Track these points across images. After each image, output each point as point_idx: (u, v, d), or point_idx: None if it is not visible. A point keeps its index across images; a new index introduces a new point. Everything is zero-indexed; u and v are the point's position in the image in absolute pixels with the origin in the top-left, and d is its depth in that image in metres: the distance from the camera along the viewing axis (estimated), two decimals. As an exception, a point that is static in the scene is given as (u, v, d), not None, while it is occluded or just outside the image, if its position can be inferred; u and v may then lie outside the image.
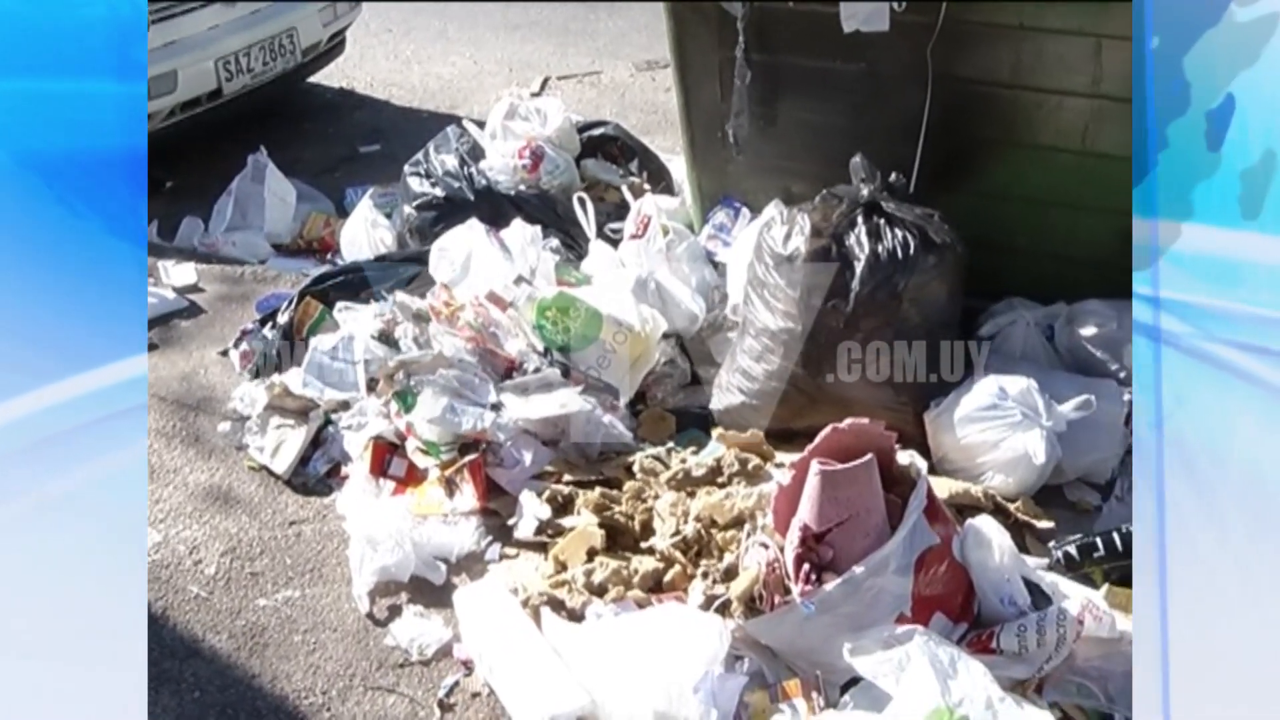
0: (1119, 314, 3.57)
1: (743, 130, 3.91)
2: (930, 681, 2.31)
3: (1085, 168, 3.63)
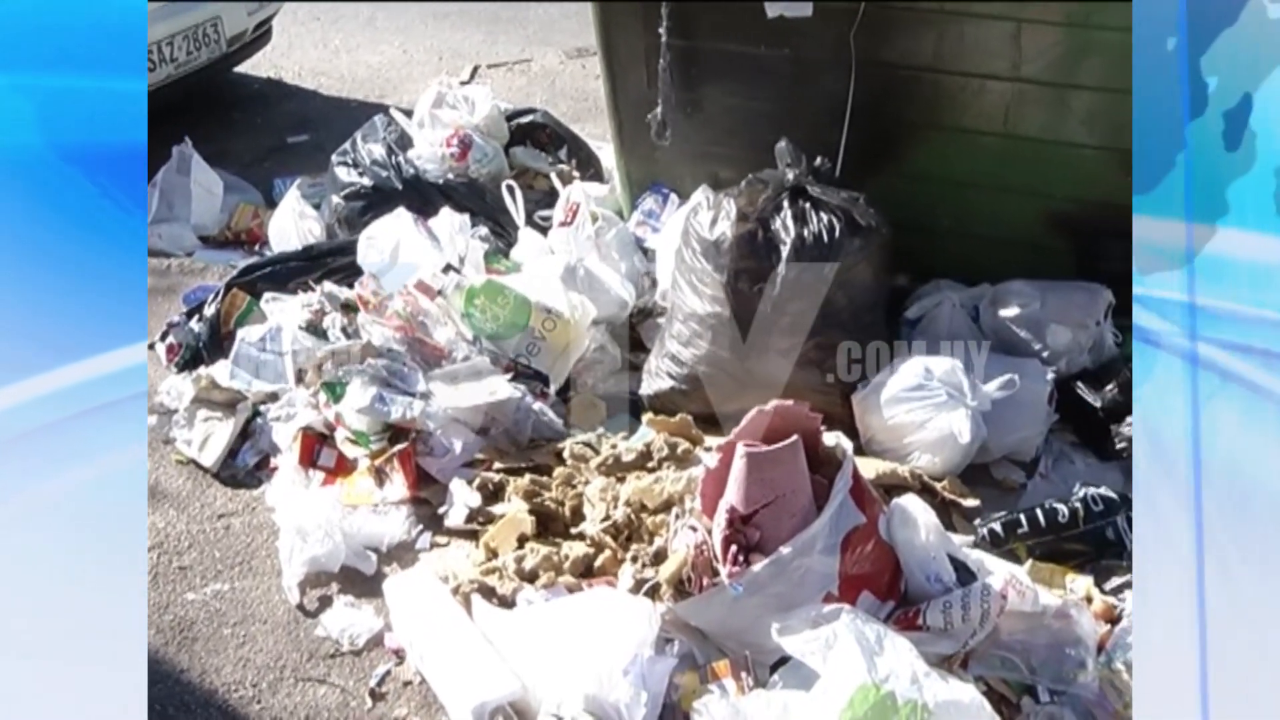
0: (1042, 294, 3.63)
1: (671, 117, 3.91)
2: (857, 659, 2.33)
3: (1007, 150, 3.68)
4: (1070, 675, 2.62)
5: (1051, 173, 3.69)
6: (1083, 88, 3.52)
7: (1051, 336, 3.56)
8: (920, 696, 2.29)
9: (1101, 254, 3.74)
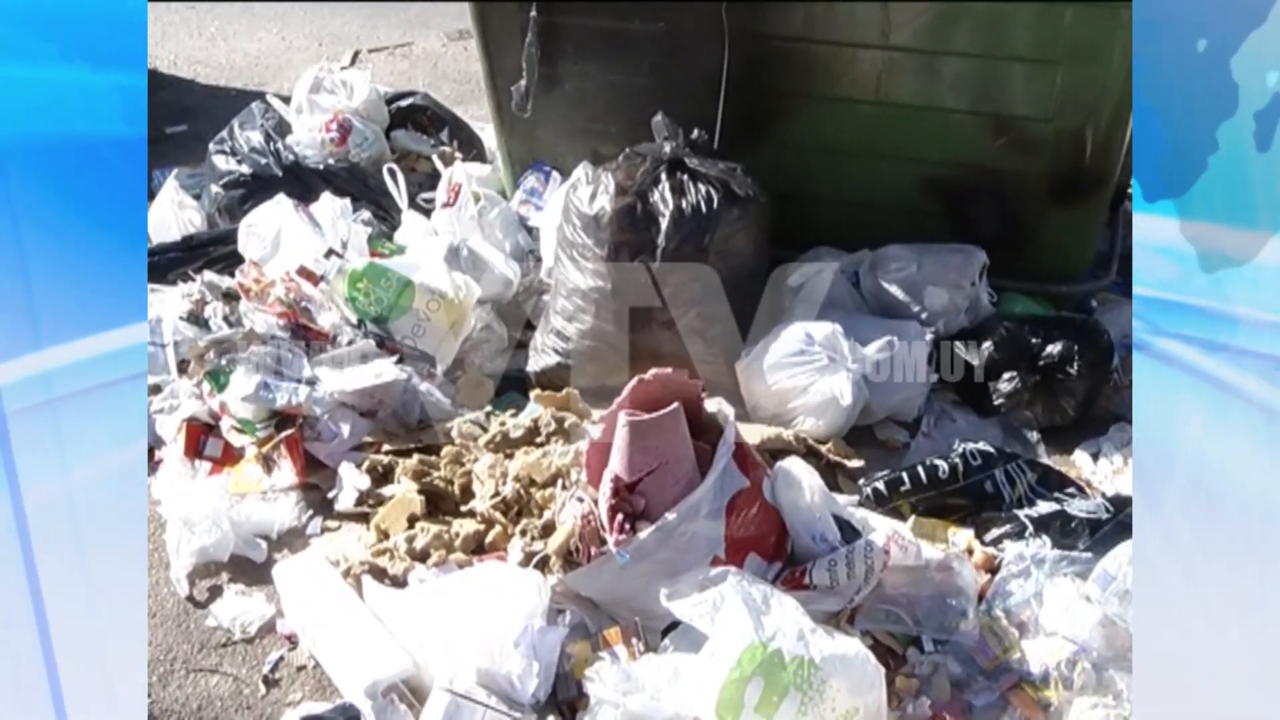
0: (919, 257, 3.70)
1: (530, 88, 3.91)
2: (744, 619, 2.37)
3: (881, 117, 3.74)
4: (952, 624, 2.69)
5: (924, 138, 3.75)
6: (951, 54, 3.58)
7: (929, 298, 3.64)
8: (807, 652, 2.33)
9: (975, 216, 3.84)
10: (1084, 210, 3.82)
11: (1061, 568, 2.82)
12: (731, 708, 2.29)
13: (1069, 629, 2.67)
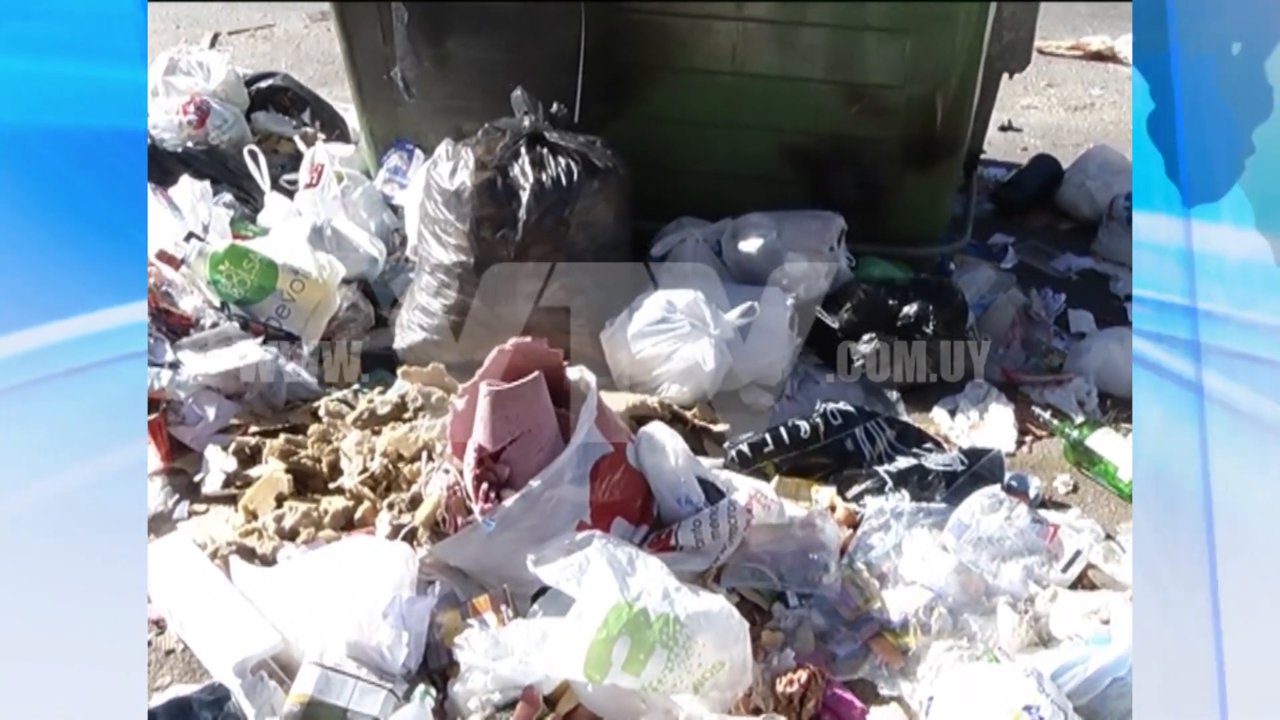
0: (779, 224, 3.77)
1: (409, 72, 3.92)
2: (610, 581, 2.40)
3: (738, 87, 3.80)
4: (816, 579, 2.76)
5: (782, 108, 3.82)
6: (804, 24, 3.65)
7: (789, 264, 3.70)
8: (672, 610, 2.37)
9: (833, 183, 3.92)
10: (938, 175, 3.93)
11: (919, 519, 2.91)
12: (599, 667, 2.32)
13: (926, 577, 2.76)
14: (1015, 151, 5.68)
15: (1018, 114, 6.18)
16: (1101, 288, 4.57)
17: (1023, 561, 2.82)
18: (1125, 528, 3.07)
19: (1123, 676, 2.47)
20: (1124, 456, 3.22)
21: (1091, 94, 6.55)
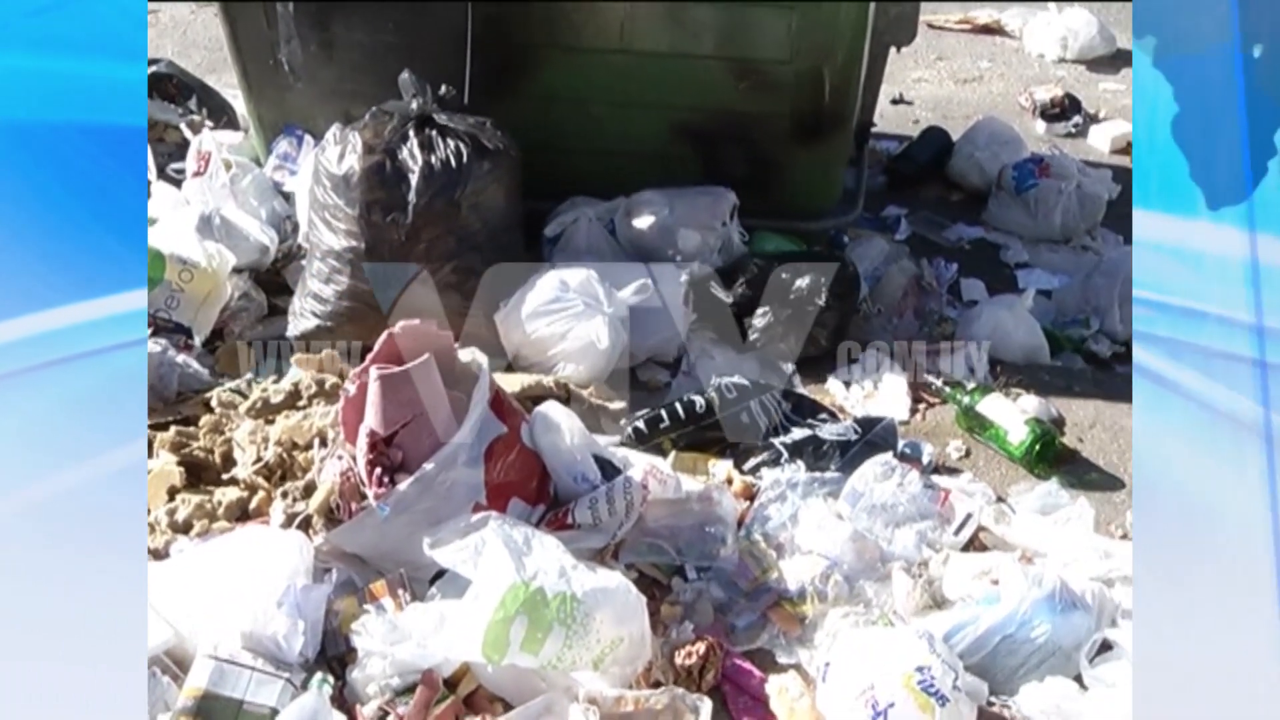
0: (671, 201, 3.80)
1: (296, 57, 3.88)
2: (506, 561, 2.40)
3: (627, 66, 3.80)
4: (713, 552, 2.78)
5: (671, 85, 3.83)
6: (691, 0, 3.66)
7: (682, 240, 3.73)
8: (569, 588, 2.38)
9: (724, 159, 3.95)
10: (828, 149, 3.97)
11: (814, 489, 2.95)
12: (497, 648, 2.33)
13: (822, 546, 2.79)
14: (906, 124, 5.74)
15: (908, 87, 6.25)
16: (992, 256, 4.66)
17: (916, 526, 2.87)
18: (1015, 490, 3.14)
19: (1012, 634, 2.53)
20: (1013, 421, 3.28)
21: (980, 66, 6.64)
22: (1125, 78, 6.53)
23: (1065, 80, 6.39)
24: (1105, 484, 3.24)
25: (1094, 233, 4.81)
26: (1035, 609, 2.55)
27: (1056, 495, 3.08)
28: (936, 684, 2.28)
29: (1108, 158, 5.53)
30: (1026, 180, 4.79)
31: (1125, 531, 3.02)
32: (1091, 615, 2.60)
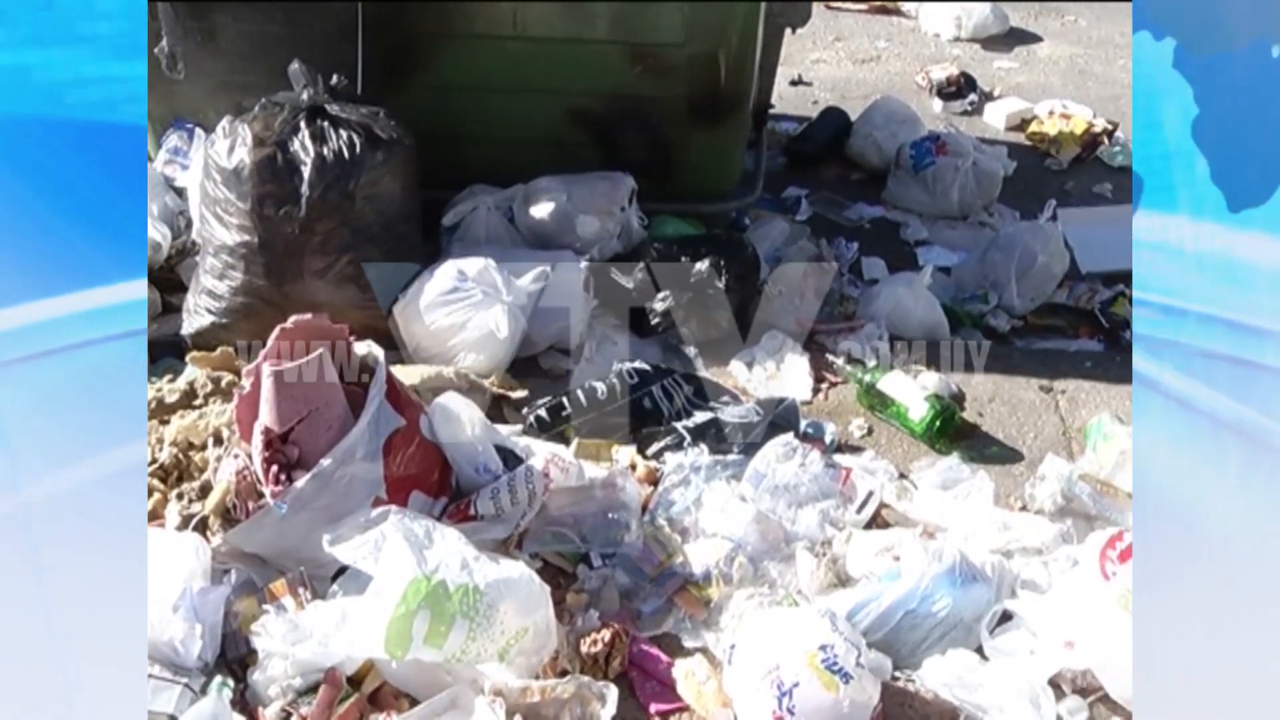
0: (568, 187, 3.79)
1: (179, 47, 3.80)
2: (406, 555, 2.38)
3: (522, 52, 3.78)
4: (618, 538, 2.78)
5: (566, 70, 3.81)
6: (582, -16, 3.66)
7: (581, 227, 3.73)
8: (471, 580, 2.36)
9: (622, 144, 3.94)
10: (725, 131, 3.97)
11: (717, 472, 2.96)
12: (400, 643, 2.31)
13: (726, 528, 2.80)
14: (806, 105, 5.78)
15: (807, 68, 6.29)
16: (892, 234, 4.71)
17: (819, 506, 2.89)
18: (917, 466, 3.17)
19: (914, 609, 2.56)
20: (914, 397, 3.31)
21: (878, 46, 6.69)
22: (1018, 56, 6.64)
23: (961, 59, 6.47)
24: (1005, 457, 3.29)
25: (991, 208, 4.87)
26: (936, 583, 2.58)
27: (957, 470, 3.12)
28: (839, 661, 2.30)
29: (1003, 134, 5.61)
30: (924, 158, 4.84)
31: (1024, 503, 3.06)
32: (991, 587, 2.65)
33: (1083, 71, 6.49)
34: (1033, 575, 2.73)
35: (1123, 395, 3.51)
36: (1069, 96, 5.93)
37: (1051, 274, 4.30)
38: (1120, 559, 2.47)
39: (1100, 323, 4.20)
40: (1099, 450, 3.19)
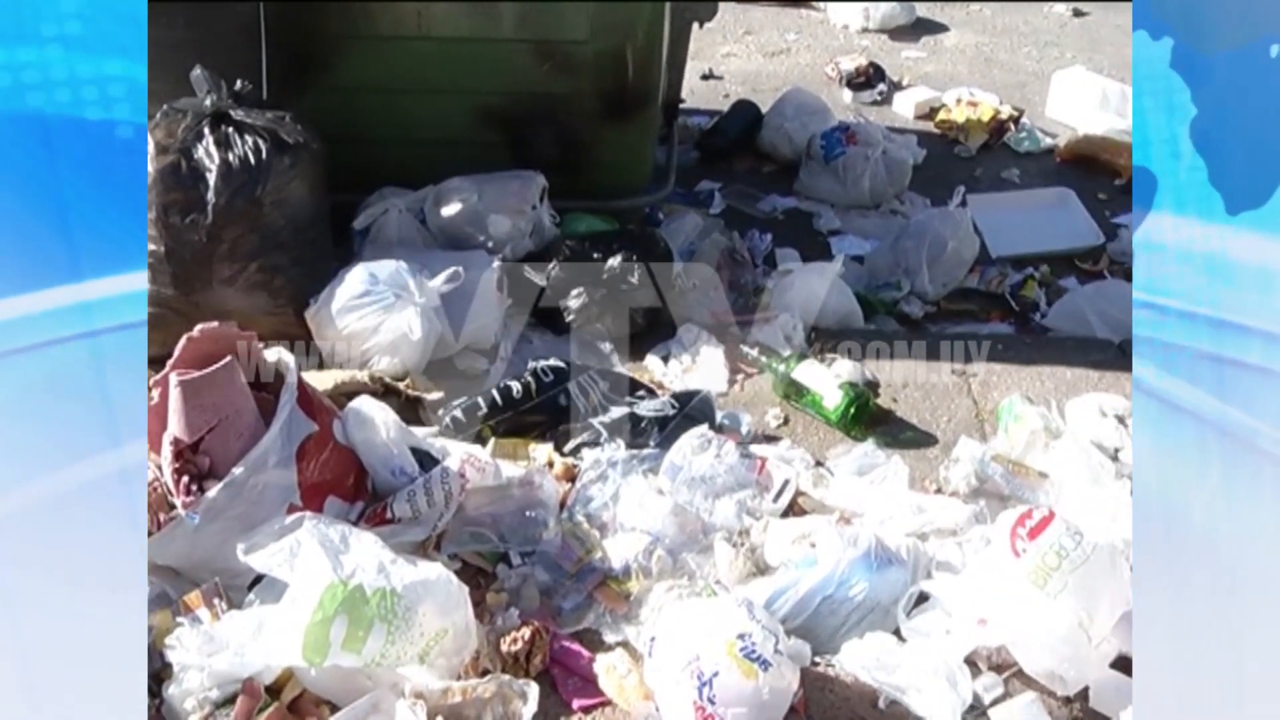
0: (479, 187, 3.78)
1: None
2: (322, 561, 2.36)
3: (428, 52, 3.77)
4: (536, 536, 2.78)
5: (474, 70, 3.80)
6: (486, -17, 3.65)
7: (493, 226, 3.72)
8: (388, 583, 2.35)
9: (532, 142, 3.94)
10: (635, 127, 3.99)
11: (634, 466, 2.97)
12: (318, 650, 2.29)
13: (644, 522, 2.81)
14: (718, 99, 5.80)
15: (718, 62, 6.32)
16: (806, 225, 4.75)
17: (735, 496, 2.91)
18: (833, 453, 3.19)
19: (831, 594, 2.59)
20: (828, 386, 3.34)
21: (787, 39, 6.74)
22: (926, 45, 6.72)
23: (869, 50, 6.53)
24: (919, 441, 3.33)
25: (902, 196, 4.94)
26: (852, 568, 2.61)
27: (873, 455, 3.15)
28: (758, 649, 2.31)
29: (912, 123, 5.68)
30: (835, 149, 4.89)
31: (939, 486, 3.10)
32: (907, 570, 2.68)
33: (989, 60, 6.58)
34: (947, 556, 2.77)
35: (1032, 376, 3.56)
36: (976, 84, 6.01)
37: (962, 259, 4.37)
38: (1030, 536, 2.50)
39: (1011, 306, 4.27)
40: (1010, 431, 3.25)
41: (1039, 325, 4.18)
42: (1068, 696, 2.49)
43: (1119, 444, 3.20)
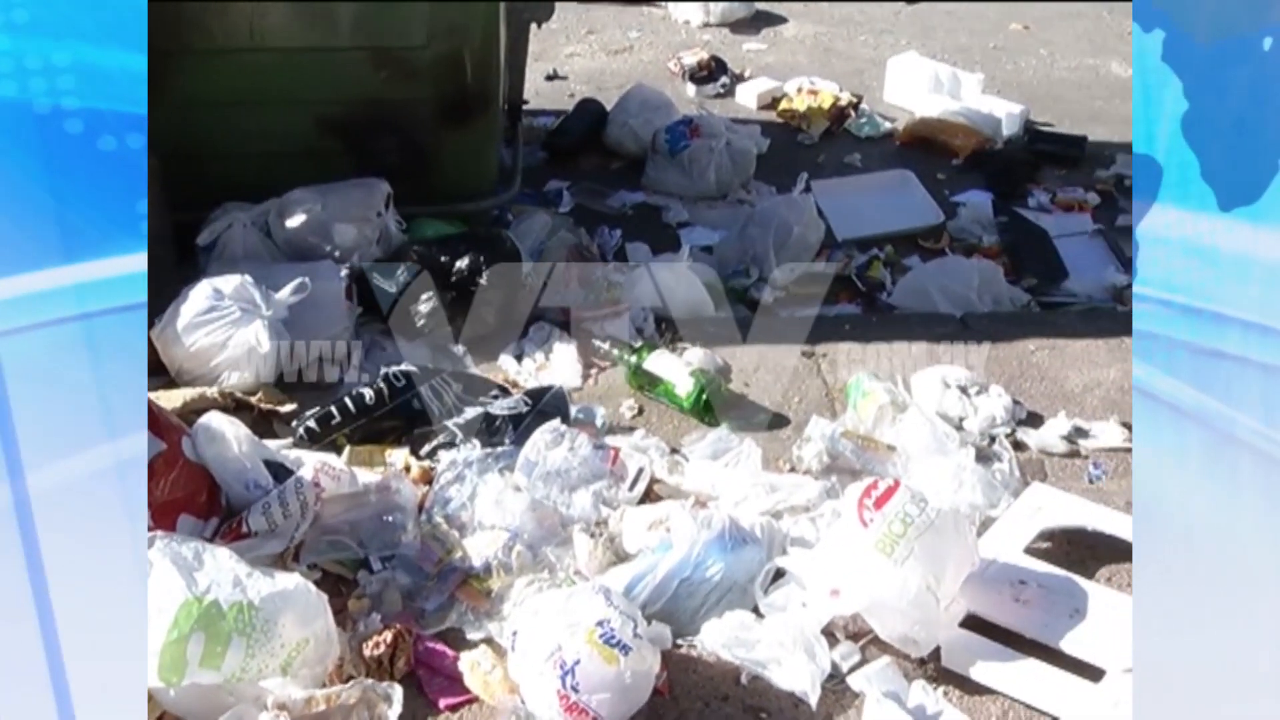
0: (323, 196, 3.77)
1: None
2: (175, 579, 2.34)
3: (262, 64, 3.75)
4: (395, 540, 2.78)
5: (311, 80, 3.80)
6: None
7: (338, 235, 3.72)
8: (245, 597, 2.34)
9: (375, 149, 3.94)
10: (476, 130, 4.01)
11: (490, 465, 2.99)
12: (175, 669, 2.27)
13: (502, 519, 2.83)
14: (563, 99, 5.84)
15: (561, 63, 6.35)
16: (655, 218, 4.81)
17: (591, 488, 2.94)
18: (688, 440, 3.25)
19: (688, 576, 2.63)
20: (679, 374, 3.39)
21: (630, 37, 6.81)
22: (765, 38, 6.84)
23: (711, 44, 6.63)
24: (772, 423, 3.39)
25: (748, 186, 5.02)
26: (707, 550, 2.66)
27: (726, 439, 3.21)
28: (617, 634, 2.35)
29: (755, 114, 5.78)
30: (679, 142, 4.96)
31: (792, 465, 3.17)
32: (762, 548, 2.74)
33: (827, 49, 6.72)
34: (801, 532, 2.84)
35: (878, 354, 3.65)
36: (815, 73, 6.13)
37: (808, 244, 4.46)
38: (876, 505, 2.56)
39: (858, 287, 4.37)
40: (859, 407, 3.33)
41: (885, 304, 4.28)
42: (921, 658, 2.57)
43: (962, 413, 3.31)
